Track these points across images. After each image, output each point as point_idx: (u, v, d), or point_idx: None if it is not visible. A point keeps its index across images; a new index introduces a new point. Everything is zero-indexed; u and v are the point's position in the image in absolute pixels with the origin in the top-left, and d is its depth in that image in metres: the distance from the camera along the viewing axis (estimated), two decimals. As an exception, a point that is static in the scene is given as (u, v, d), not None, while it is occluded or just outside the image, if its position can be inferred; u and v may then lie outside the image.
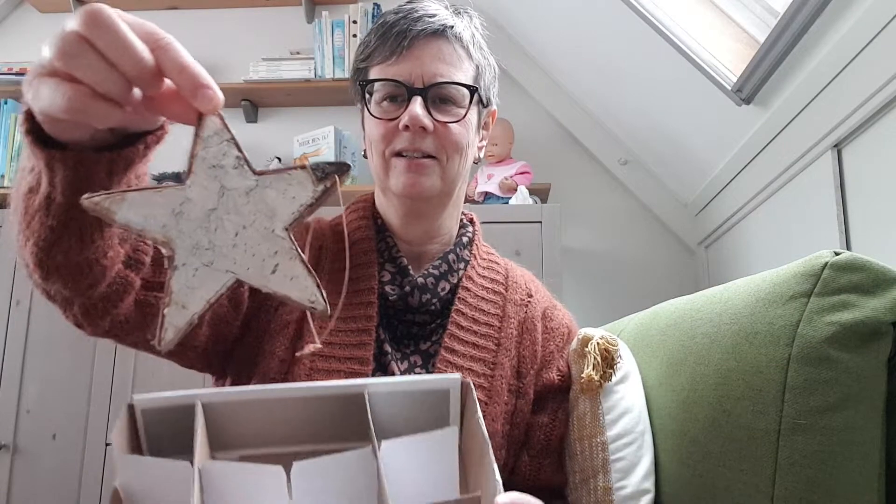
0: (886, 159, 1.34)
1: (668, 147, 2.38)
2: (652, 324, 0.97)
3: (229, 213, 0.39)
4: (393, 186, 0.84)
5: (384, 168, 0.84)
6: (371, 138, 0.85)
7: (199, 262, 0.38)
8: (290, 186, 0.39)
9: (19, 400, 2.12)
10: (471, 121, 0.86)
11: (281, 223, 0.39)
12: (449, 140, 0.83)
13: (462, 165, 0.86)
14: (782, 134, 1.73)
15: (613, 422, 0.88)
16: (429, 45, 0.82)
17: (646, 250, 2.57)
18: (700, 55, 1.89)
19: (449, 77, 0.82)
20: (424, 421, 0.57)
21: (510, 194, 2.29)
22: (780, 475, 0.64)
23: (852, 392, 0.62)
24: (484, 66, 0.88)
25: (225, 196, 0.39)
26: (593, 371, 0.87)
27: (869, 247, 1.40)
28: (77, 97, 0.40)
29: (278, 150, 2.64)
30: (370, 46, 0.84)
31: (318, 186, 0.40)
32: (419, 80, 0.81)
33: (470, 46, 0.85)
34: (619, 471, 0.86)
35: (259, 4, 2.79)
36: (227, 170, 0.39)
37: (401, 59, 0.81)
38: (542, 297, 0.95)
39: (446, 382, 0.58)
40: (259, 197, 0.39)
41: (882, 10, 1.27)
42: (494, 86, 0.91)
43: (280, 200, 0.39)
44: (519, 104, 2.65)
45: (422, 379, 0.59)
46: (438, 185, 0.84)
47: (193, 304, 0.38)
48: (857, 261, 0.65)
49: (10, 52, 2.80)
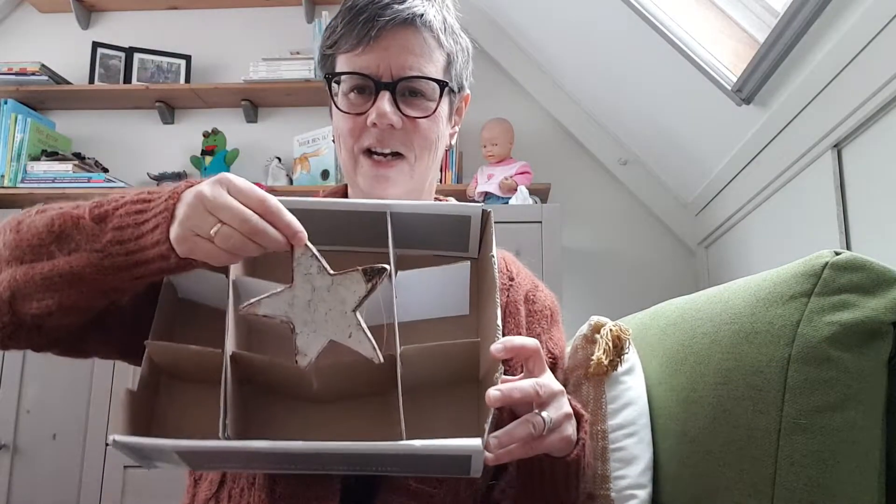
0: (886, 159, 1.34)
1: (668, 147, 2.38)
2: (652, 324, 0.97)
3: (320, 302, 0.61)
4: (361, 184, 0.82)
5: (352, 164, 0.83)
6: (339, 132, 0.83)
7: (308, 331, 0.61)
8: (352, 283, 0.60)
9: (19, 400, 2.12)
10: (442, 113, 0.83)
11: (350, 307, 0.61)
12: (418, 136, 0.81)
13: (432, 159, 0.85)
14: (782, 134, 1.73)
15: (616, 411, 0.88)
16: (397, 34, 0.78)
17: (646, 250, 2.57)
18: (700, 55, 1.89)
19: (419, 69, 0.79)
20: (442, 239, 0.74)
21: (510, 194, 2.29)
22: (780, 475, 0.64)
23: (852, 392, 0.62)
24: (456, 53, 0.84)
25: (315, 291, 0.61)
26: (604, 355, 0.86)
27: (869, 247, 1.40)
28: (231, 259, 0.61)
29: (278, 150, 2.64)
30: (337, 32, 0.81)
31: (368, 284, 0.60)
32: (387, 73, 0.79)
33: (441, 34, 0.81)
34: (618, 460, 0.86)
35: (259, 4, 2.79)
36: (314, 275, 0.61)
37: (368, 49, 0.78)
38: (524, 280, 0.92)
39: (468, 209, 0.72)
40: (335, 292, 0.61)
41: (882, 10, 1.27)
42: (468, 69, 0.88)
43: (347, 293, 0.61)
44: (519, 104, 2.65)
45: (444, 204, 0.75)
46: (407, 185, 0.83)
47: (310, 353, 0.61)
48: (857, 261, 0.65)
49: (10, 52, 2.80)
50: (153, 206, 0.62)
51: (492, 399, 0.59)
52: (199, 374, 0.68)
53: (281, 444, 0.57)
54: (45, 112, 2.75)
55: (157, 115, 2.73)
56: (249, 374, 0.68)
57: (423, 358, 0.66)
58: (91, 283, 0.63)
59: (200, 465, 0.68)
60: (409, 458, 0.61)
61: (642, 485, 0.86)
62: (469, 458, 0.60)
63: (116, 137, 2.75)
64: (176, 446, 0.59)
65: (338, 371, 0.66)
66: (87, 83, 2.69)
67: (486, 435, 0.60)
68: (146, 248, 0.61)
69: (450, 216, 0.72)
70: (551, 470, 0.71)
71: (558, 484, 0.72)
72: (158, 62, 2.73)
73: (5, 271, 0.66)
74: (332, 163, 2.52)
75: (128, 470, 2.04)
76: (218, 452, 0.60)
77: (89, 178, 2.49)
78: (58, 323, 0.68)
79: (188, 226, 0.59)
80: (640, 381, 0.92)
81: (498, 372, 0.62)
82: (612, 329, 0.88)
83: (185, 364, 0.68)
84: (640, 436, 0.87)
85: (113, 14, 2.86)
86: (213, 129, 2.65)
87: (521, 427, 0.62)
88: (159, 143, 2.74)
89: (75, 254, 0.63)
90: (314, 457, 0.60)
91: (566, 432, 0.66)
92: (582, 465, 0.72)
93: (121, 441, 0.58)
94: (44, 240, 0.64)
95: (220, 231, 0.57)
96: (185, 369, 0.69)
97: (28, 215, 0.68)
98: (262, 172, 2.63)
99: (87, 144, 2.72)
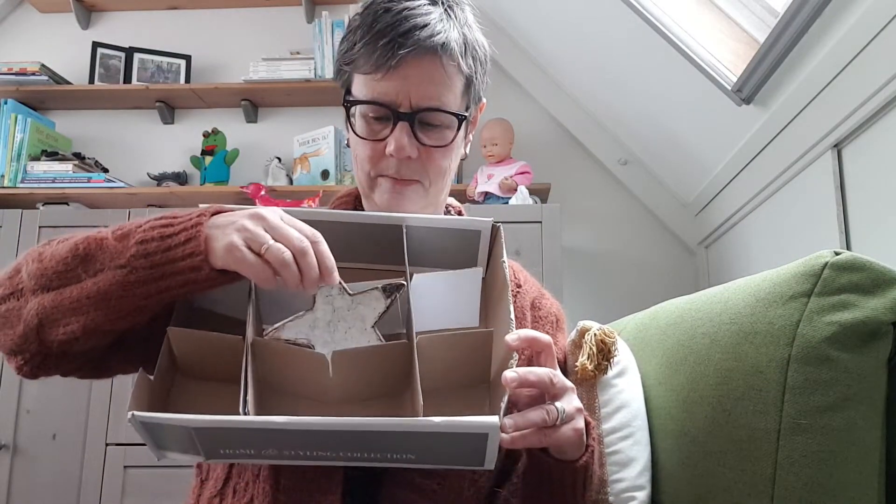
0: (886, 159, 1.34)
1: (668, 147, 2.38)
2: (652, 324, 0.97)
3: (340, 321, 0.65)
4: (377, 201, 0.83)
5: (369, 185, 0.83)
6: (356, 155, 0.84)
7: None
8: (371, 301, 0.65)
9: (19, 400, 2.12)
10: (458, 140, 0.83)
11: (369, 323, 0.65)
12: (433, 165, 0.81)
13: (446, 181, 0.86)
14: (782, 134, 1.73)
15: (610, 415, 0.88)
16: (418, 63, 0.77)
17: (646, 250, 2.57)
18: (700, 55, 1.89)
19: (437, 100, 0.79)
20: (454, 257, 0.76)
21: (510, 194, 2.29)
22: (780, 475, 0.64)
23: (852, 392, 0.62)
24: (475, 73, 0.83)
25: (336, 312, 0.65)
26: (588, 360, 0.87)
27: (869, 247, 1.40)
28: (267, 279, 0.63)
29: (278, 150, 2.64)
30: (355, 51, 0.79)
31: (387, 300, 0.65)
32: (406, 103, 0.78)
33: (461, 59, 0.79)
34: (614, 464, 0.86)
35: (259, 4, 2.79)
36: (335, 297, 0.65)
37: (387, 76, 0.77)
38: (531, 288, 0.93)
39: (478, 224, 0.75)
40: (355, 311, 0.65)
41: (882, 10, 1.27)
42: (485, 80, 0.87)
43: (367, 311, 0.65)
44: (519, 104, 2.65)
45: (456, 219, 0.78)
46: (421, 205, 0.83)
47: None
48: (857, 261, 0.65)
49: (10, 52, 2.80)
50: (180, 222, 0.65)
51: (508, 379, 0.60)
52: (217, 366, 0.69)
53: (299, 420, 0.57)
54: (45, 112, 2.75)
55: (157, 115, 2.73)
56: (265, 371, 0.68)
57: (437, 347, 0.68)
58: (117, 301, 0.65)
59: (215, 449, 0.66)
60: (424, 440, 0.60)
61: (641, 486, 0.86)
62: (485, 439, 0.59)
63: (116, 137, 2.75)
64: (195, 422, 0.58)
65: (354, 365, 0.67)
66: (87, 83, 2.68)
67: (502, 414, 0.60)
68: (175, 259, 0.63)
69: (461, 230, 0.75)
70: (560, 475, 0.70)
71: (566, 490, 0.72)
72: (158, 62, 2.73)
73: (31, 300, 0.68)
74: (332, 163, 2.52)
75: (128, 470, 2.04)
76: (235, 431, 0.60)
77: (89, 178, 2.49)
78: (82, 348, 0.69)
79: (244, 237, 0.62)
80: (633, 382, 0.92)
81: (513, 359, 0.63)
82: (595, 333, 0.88)
83: (204, 352, 0.69)
84: (636, 437, 0.87)
85: (113, 14, 2.86)
86: (213, 129, 2.65)
87: (536, 413, 0.63)
88: (159, 143, 2.74)
89: (101, 274, 0.65)
90: (330, 437, 0.60)
91: (579, 425, 0.67)
92: (589, 472, 0.72)
93: (140, 417, 0.57)
94: (69, 264, 0.66)
95: (272, 246, 0.61)
96: (204, 359, 0.69)
97: (48, 245, 0.71)
98: (262, 172, 2.63)
99: (87, 144, 2.72)
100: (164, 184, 2.57)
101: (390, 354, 0.66)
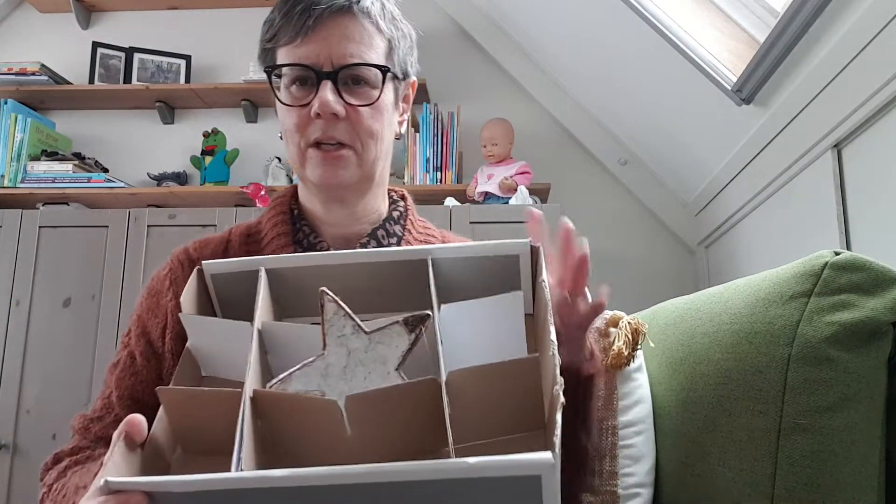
0: (886, 159, 1.34)
1: (668, 147, 2.38)
2: (652, 324, 0.97)
3: (357, 366, 0.54)
4: (311, 177, 0.82)
5: (301, 158, 0.82)
6: (285, 127, 0.83)
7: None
8: (393, 339, 0.54)
9: (19, 400, 2.12)
10: (386, 100, 0.82)
11: (392, 366, 0.54)
12: (362, 126, 0.80)
13: (380, 148, 0.84)
14: (782, 134, 1.73)
15: (627, 408, 0.88)
16: (335, 23, 0.78)
17: (646, 250, 2.57)
18: (700, 55, 1.89)
19: (359, 57, 0.78)
20: (490, 286, 0.64)
21: (510, 194, 2.29)
22: (780, 475, 0.64)
23: (852, 392, 0.62)
24: (397, 39, 0.83)
25: (351, 355, 0.54)
26: (624, 346, 0.86)
27: (869, 247, 1.40)
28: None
29: (278, 150, 2.64)
30: (275, 26, 0.81)
31: (410, 336, 0.54)
32: (328, 63, 0.78)
33: (379, 20, 0.80)
34: (627, 457, 0.86)
35: (259, 4, 2.79)
36: (348, 336, 0.54)
37: (306, 39, 0.78)
38: None
39: (515, 247, 0.66)
40: (374, 351, 0.54)
41: (882, 10, 1.27)
42: (412, 55, 0.87)
43: (388, 350, 0.54)
44: (519, 104, 2.65)
45: (488, 244, 0.66)
46: (357, 174, 0.82)
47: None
48: (857, 261, 0.65)
49: (10, 52, 2.80)
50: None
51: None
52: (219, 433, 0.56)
53: (301, 472, 0.45)
54: (45, 112, 2.75)
55: (157, 115, 2.73)
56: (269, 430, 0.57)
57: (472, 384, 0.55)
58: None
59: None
60: (458, 488, 0.45)
61: (648, 483, 0.86)
62: (538, 484, 0.44)
63: (116, 137, 2.75)
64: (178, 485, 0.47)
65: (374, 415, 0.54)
66: (87, 83, 2.69)
67: (557, 449, 0.45)
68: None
69: (494, 257, 0.65)
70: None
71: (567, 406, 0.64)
72: (158, 62, 2.73)
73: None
74: (332, 163, 2.51)
75: (128, 470, 2.04)
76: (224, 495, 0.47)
77: (89, 178, 2.49)
78: None
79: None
80: (647, 379, 0.92)
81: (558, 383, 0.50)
82: (630, 322, 0.87)
83: (199, 415, 0.57)
84: (648, 434, 0.87)
85: (113, 14, 2.86)
86: (213, 129, 2.65)
87: None
88: (159, 143, 2.74)
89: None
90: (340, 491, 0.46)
91: None
92: (593, 389, 0.72)
93: (113, 483, 0.45)
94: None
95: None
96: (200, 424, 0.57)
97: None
98: (262, 172, 2.63)
99: (87, 144, 2.72)
100: (164, 184, 2.57)
101: (413, 394, 0.54)
